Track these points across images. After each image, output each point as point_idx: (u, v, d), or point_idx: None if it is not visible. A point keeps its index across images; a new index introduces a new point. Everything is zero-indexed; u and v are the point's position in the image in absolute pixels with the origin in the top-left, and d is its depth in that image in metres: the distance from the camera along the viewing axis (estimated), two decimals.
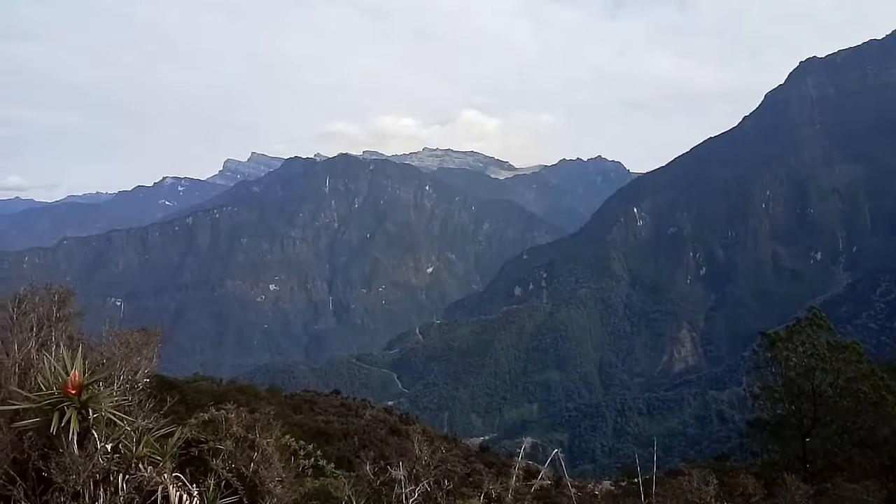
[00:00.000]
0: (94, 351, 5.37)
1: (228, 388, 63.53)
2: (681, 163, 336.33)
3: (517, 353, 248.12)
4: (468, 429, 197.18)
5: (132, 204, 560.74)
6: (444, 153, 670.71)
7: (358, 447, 49.80)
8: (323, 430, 51.95)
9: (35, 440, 4.13)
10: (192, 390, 46.76)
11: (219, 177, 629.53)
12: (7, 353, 4.83)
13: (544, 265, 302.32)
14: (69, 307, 5.58)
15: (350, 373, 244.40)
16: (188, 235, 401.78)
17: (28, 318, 5.21)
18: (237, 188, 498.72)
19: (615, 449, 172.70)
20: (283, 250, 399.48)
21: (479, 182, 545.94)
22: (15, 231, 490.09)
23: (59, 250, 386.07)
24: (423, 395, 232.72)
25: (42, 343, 5.14)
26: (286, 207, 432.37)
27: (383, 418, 68.74)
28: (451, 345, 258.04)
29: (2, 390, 4.45)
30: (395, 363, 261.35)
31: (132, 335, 5.61)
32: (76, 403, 4.00)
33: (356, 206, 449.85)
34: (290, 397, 70.07)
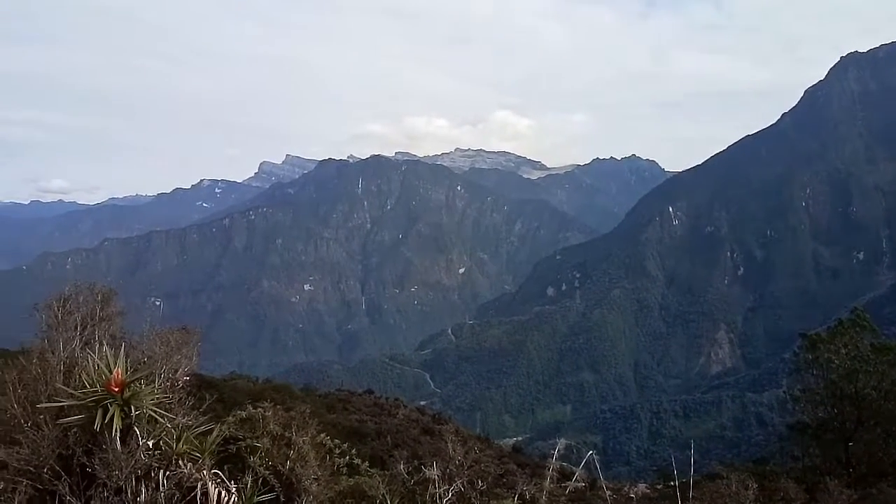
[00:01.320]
0: (136, 349, 5.49)
1: (264, 387, 64.57)
2: (717, 161, 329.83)
3: (550, 354, 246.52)
4: (501, 429, 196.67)
5: (171, 206, 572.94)
6: (476, 153, 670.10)
7: (391, 446, 50.04)
8: (356, 428, 52.41)
9: (80, 436, 4.24)
10: (229, 388, 47.65)
11: (254, 179, 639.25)
12: (52, 352, 4.97)
13: (577, 265, 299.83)
14: (111, 307, 5.72)
15: (383, 372, 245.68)
16: (225, 237, 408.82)
17: (72, 317, 5.36)
18: (272, 190, 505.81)
19: (650, 451, 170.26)
20: (317, 251, 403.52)
21: (511, 182, 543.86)
22: (58, 233, 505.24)
23: (100, 251, 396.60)
24: (456, 396, 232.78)
25: (86, 341, 5.28)
26: (320, 208, 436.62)
27: (416, 418, 69.04)
28: (484, 345, 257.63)
29: (48, 387, 4.58)
30: (427, 363, 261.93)
31: (172, 334, 5.73)
32: (119, 401, 4.07)
33: (388, 206, 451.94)
34: (325, 396, 70.82)
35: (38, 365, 4.71)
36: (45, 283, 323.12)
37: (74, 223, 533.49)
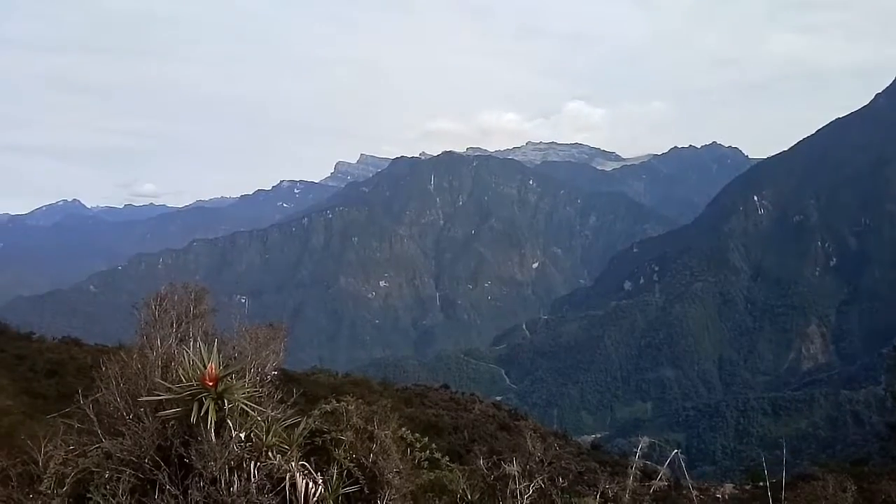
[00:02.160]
0: (227, 345, 5.74)
1: (344, 381, 66.20)
2: (805, 146, 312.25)
3: (628, 350, 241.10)
4: (578, 426, 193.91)
5: (253, 207, 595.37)
6: (548, 146, 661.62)
7: (468, 441, 50.30)
8: (433, 423, 52.90)
9: (177, 428, 4.46)
10: (310, 383, 49.14)
11: (331, 178, 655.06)
12: (151, 347, 5.27)
13: (656, 258, 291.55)
14: (204, 304, 6.00)
15: (458, 367, 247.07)
16: (304, 235, 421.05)
17: (168, 314, 5.66)
18: (348, 189, 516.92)
19: (737, 451, 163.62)
20: (392, 248, 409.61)
21: (584, 174, 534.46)
22: (150, 235, 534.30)
23: (189, 252, 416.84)
24: (532, 391, 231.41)
25: (181, 338, 5.56)
26: (393, 206, 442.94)
27: (492, 413, 68.92)
28: (559, 340, 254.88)
29: (147, 382, 4.84)
30: (502, 358, 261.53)
31: (260, 331, 5.95)
32: (213, 395, 4.23)
33: (460, 202, 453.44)
34: (402, 391, 71.83)
35: (139, 360, 5.00)
36: (138, 282, 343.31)
37: (165, 225, 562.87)
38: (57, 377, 50.74)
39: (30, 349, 58.79)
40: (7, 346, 57.45)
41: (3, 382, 44.67)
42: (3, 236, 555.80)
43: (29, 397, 43.66)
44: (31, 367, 52.65)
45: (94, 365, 14.68)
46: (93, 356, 33.94)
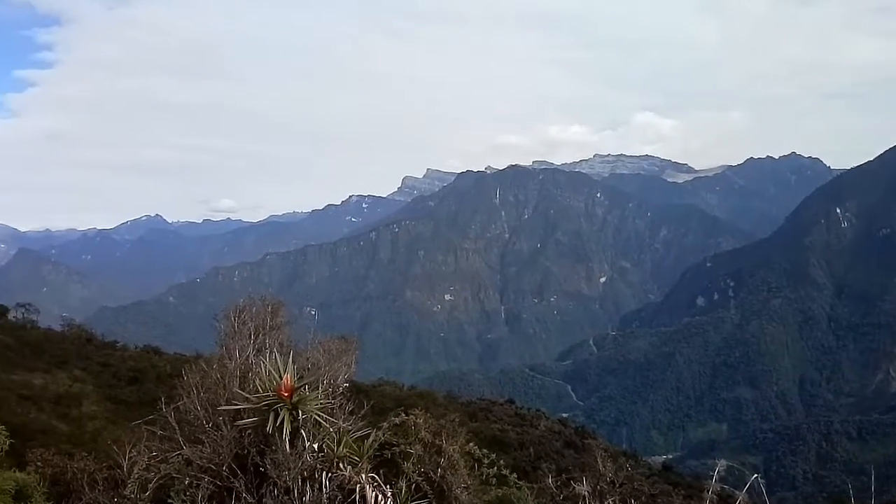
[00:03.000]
0: (301, 357, 5.87)
1: (409, 394, 66.68)
2: (892, 155, 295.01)
3: (702, 368, 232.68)
4: (648, 446, 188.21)
5: (323, 221, 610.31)
6: (616, 158, 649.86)
7: (534, 458, 49.65)
8: (499, 438, 52.53)
9: (253, 438, 4.59)
10: (377, 394, 49.74)
11: (398, 193, 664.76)
12: (230, 358, 5.45)
13: (731, 273, 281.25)
14: (280, 317, 6.18)
15: (523, 382, 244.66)
16: (371, 249, 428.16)
17: (246, 326, 5.86)
18: (414, 203, 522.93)
19: (819, 476, 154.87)
20: (457, 261, 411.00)
21: (654, 186, 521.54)
22: (227, 248, 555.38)
23: (262, 265, 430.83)
24: (599, 409, 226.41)
25: (258, 349, 5.74)
26: (459, 220, 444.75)
27: (558, 430, 67.90)
28: (628, 357, 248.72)
29: (226, 391, 5.00)
30: (568, 374, 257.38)
31: (333, 343, 6.08)
32: (288, 405, 4.34)
33: (526, 216, 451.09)
34: (467, 404, 71.73)
35: (218, 370, 5.18)
36: (215, 294, 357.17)
37: (240, 239, 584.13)
38: (138, 384, 53.24)
39: (114, 357, 61.96)
40: (93, 355, 60.74)
41: (89, 389, 47.19)
42: (91, 249, 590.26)
43: (112, 403, 45.93)
44: (114, 375, 55.48)
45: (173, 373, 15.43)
46: (172, 365, 35.62)
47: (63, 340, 63.54)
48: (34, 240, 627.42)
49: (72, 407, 39.95)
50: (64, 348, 59.33)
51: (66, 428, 32.77)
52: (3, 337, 54.44)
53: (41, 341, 59.39)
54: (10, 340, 54.61)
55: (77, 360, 55.63)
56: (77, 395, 43.35)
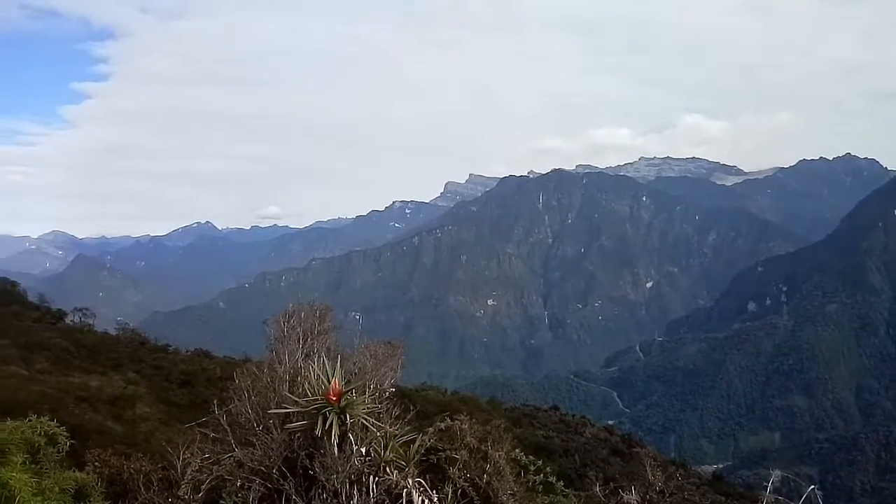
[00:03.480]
0: (348, 361, 5.93)
1: (452, 399, 66.67)
2: None
3: (753, 376, 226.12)
4: (698, 455, 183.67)
5: (367, 227, 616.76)
6: (663, 161, 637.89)
7: (580, 465, 49.01)
8: (543, 444, 52.05)
9: (302, 441, 4.66)
10: (420, 399, 49.87)
11: (440, 198, 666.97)
12: (279, 362, 5.55)
13: (783, 278, 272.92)
14: (327, 322, 6.26)
15: (567, 389, 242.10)
16: (414, 254, 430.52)
17: (295, 331, 5.96)
18: (457, 208, 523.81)
19: (879, 488, 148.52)
20: (500, 266, 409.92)
21: (702, 189, 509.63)
22: (274, 254, 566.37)
23: (308, 270, 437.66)
24: (646, 416, 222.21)
25: (307, 353, 5.82)
26: (501, 225, 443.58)
27: (604, 437, 66.85)
28: (676, 364, 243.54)
29: (276, 395, 5.09)
30: (614, 381, 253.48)
31: (379, 347, 6.13)
32: (336, 409, 4.40)
33: (569, 220, 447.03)
34: (510, 410, 71.31)
35: (268, 374, 5.28)
36: (263, 298, 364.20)
37: (287, 245, 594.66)
38: (189, 387, 54.68)
39: (166, 361, 63.81)
40: (146, 358, 62.66)
41: (142, 391, 48.67)
42: (144, 256, 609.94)
43: (164, 405, 47.28)
44: (166, 377, 57.10)
45: (223, 376, 15.77)
46: (222, 368, 36.40)
47: (118, 344, 65.78)
48: (91, 246, 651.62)
49: (126, 408, 41.26)
50: (119, 351, 61.38)
51: (120, 429, 33.85)
52: (62, 340, 56.64)
53: (97, 344, 61.60)
54: (68, 344, 56.77)
55: (131, 363, 57.48)
56: (131, 397, 44.74)
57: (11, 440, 4.38)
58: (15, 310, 63.56)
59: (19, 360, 44.83)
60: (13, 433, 4.45)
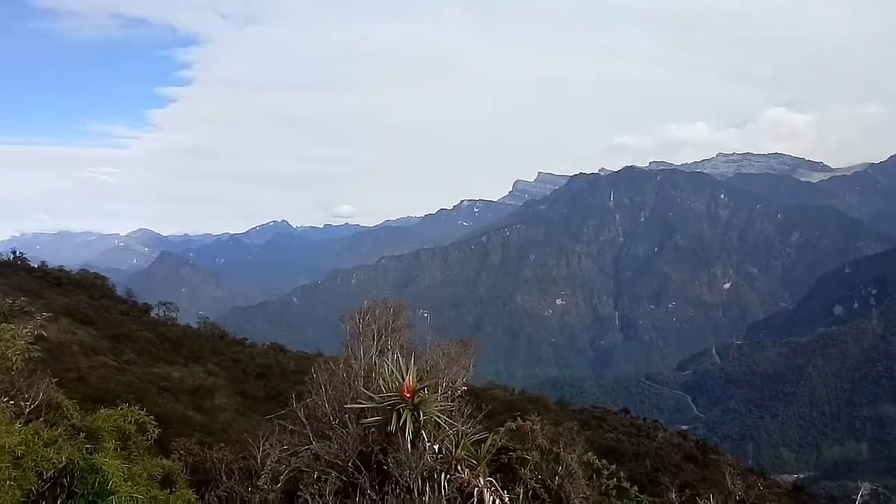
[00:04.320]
0: (420, 358, 5.99)
1: (520, 398, 66.34)
2: None
3: (839, 382, 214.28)
4: (777, 464, 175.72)
5: (436, 225, 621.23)
6: (742, 157, 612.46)
7: (651, 470, 47.78)
8: (613, 448, 51.04)
9: (376, 436, 4.73)
10: (487, 397, 49.87)
11: (509, 197, 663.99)
12: (355, 358, 5.65)
13: (874, 280, 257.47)
14: (401, 319, 6.34)
15: (639, 391, 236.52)
16: (482, 253, 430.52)
17: (370, 328, 6.06)
18: (525, 207, 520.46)
19: None
20: (569, 266, 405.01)
21: (785, 186, 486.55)
22: (346, 252, 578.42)
23: (378, 268, 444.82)
24: (722, 422, 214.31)
25: (381, 350, 5.92)
26: (571, 223, 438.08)
27: (677, 442, 64.94)
28: (755, 368, 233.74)
29: (351, 390, 5.19)
30: (688, 385, 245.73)
31: (451, 346, 6.16)
32: (410, 406, 4.44)
33: (642, 219, 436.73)
34: (579, 412, 70.32)
35: (344, 370, 5.39)
36: (335, 295, 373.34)
37: (358, 243, 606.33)
38: (265, 379, 56.68)
39: (243, 354, 66.38)
40: (225, 351, 65.38)
41: (221, 382, 50.80)
42: (224, 253, 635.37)
43: (241, 397, 49.17)
44: (243, 370, 59.39)
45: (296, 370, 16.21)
46: (295, 362, 37.56)
47: (199, 337, 68.93)
48: (175, 244, 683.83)
49: (205, 399, 43.16)
50: (199, 344, 64.30)
51: (200, 418, 35.46)
52: (147, 333, 59.79)
53: (180, 337, 64.75)
54: (153, 336, 59.85)
55: (211, 356, 60.12)
56: (210, 388, 46.79)
57: (105, 427, 4.65)
58: (105, 303, 67.55)
59: (108, 351, 47.58)
60: (106, 421, 4.73)
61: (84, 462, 4.16)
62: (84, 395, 21.61)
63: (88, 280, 76.60)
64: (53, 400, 4.64)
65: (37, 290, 54.25)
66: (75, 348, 41.23)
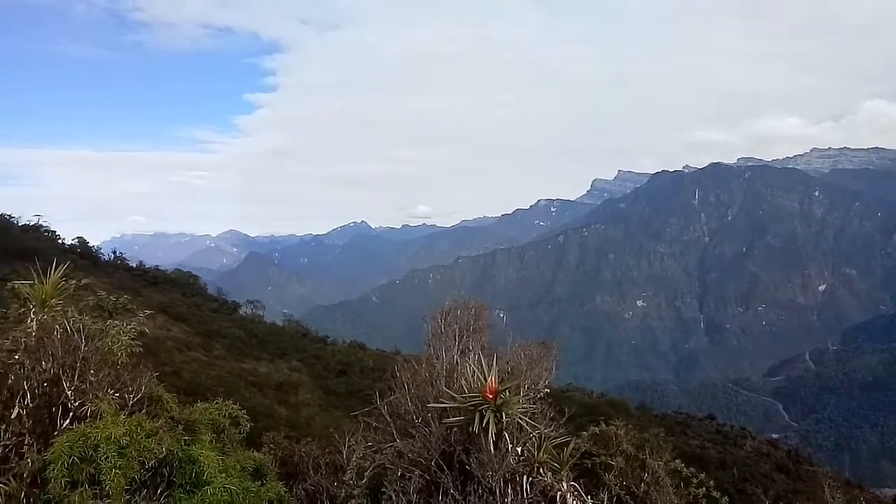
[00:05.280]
0: (501, 359, 5.96)
1: (599, 401, 65.13)
2: None
3: None
4: (877, 476, 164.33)
5: (512, 225, 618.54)
6: (839, 153, 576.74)
7: (738, 479, 45.81)
8: (697, 455, 49.26)
9: (458, 436, 4.74)
10: (565, 400, 49.17)
11: (587, 196, 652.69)
12: (437, 357, 5.69)
13: None
14: (482, 319, 6.34)
15: (725, 398, 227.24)
16: (559, 253, 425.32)
17: (451, 328, 6.08)
18: (604, 206, 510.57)
19: None
20: (650, 266, 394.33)
21: (886, 183, 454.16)
22: (423, 252, 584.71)
23: (455, 268, 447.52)
24: (816, 431, 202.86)
25: (462, 350, 5.93)
26: (652, 222, 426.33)
27: (766, 451, 62.35)
28: (853, 375, 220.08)
29: (433, 389, 5.22)
30: (779, 392, 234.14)
31: (533, 347, 6.10)
32: (493, 407, 4.42)
33: (729, 217, 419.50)
34: (661, 417, 68.39)
35: (426, 369, 5.44)
36: (412, 294, 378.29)
37: (434, 243, 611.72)
38: (345, 376, 58.14)
39: (325, 351, 68.35)
40: (308, 348, 67.52)
41: (304, 378, 52.51)
42: (307, 253, 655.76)
43: (323, 392, 50.63)
44: (325, 367, 61.13)
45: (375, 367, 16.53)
46: (374, 359, 38.29)
47: (283, 334, 71.54)
48: (261, 244, 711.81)
49: (290, 394, 44.71)
50: (284, 341, 66.74)
51: (284, 412, 36.75)
52: (235, 330, 62.59)
53: (266, 334, 67.43)
54: (241, 333, 62.57)
55: (294, 352, 62.31)
56: (295, 383, 48.46)
57: (201, 420, 4.89)
58: (197, 301, 71.15)
59: (200, 347, 50.07)
60: (203, 414, 4.97)
61: (182, 453, 4.39)
62: (178, 388, 22.83)
63: (182, 279, 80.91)
64: (154, 393, 4.92)
65: (135, 288, 57.71)
66: (170, 344, 43.56)
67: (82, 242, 72.02)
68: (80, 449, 4.05)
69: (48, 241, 64.10)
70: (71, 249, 64.84)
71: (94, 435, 4.08)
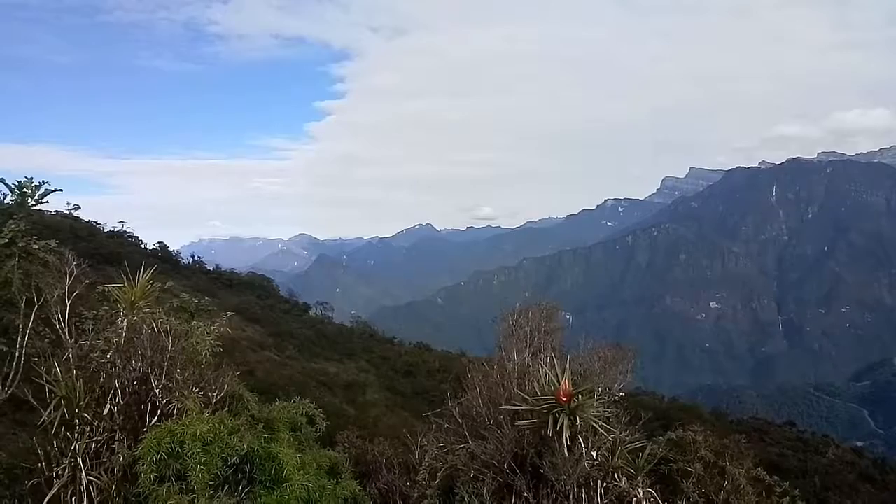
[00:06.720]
0: (574, 362, 5.89)
1: (670, 406, 63.40)
2: None
3: None
4: None
5: (578, 226, 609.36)
6: None
7: (819, 489, 43.64)
8: (776, 463, 47.17)
9: (531, 439, 4.71)
10: (633, 404, 48.06)
11: (657, 195, 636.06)
12: (508, 359, 5.67)
13: None
14: (554, 321, 6.28)
15: (806, 403, 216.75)
16: (628, 253, 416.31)
17: (523, 329, 6.05)
18: (675, 205, 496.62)
19: None
20: (724, 266, 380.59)
21: None
22: (487, 253, 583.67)
23: (519, 269, 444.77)
24: None
25: (534, 352, 5.89)
26: (727, 221, 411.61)
27: (851, 460, 59.39)
28: None
29: (505, 391, 5.21)
30: (865, 397, 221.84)
31: (608, 350, 5.99)
32: (567, 410, 4.36)
33: (810, 215, 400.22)
34: (737, 423, 66.02)
35: (498, 371, 5.43)
36: (477, 296, 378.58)
37: (499, 245, 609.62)
38: (412, 377, 58.73)
39: (391, 352, 69.26)
40: (375, 349, 68.59)
41: (372, 378, 53.36)
42: (374, 255, 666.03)
43: (390, 393, 51.30)
44: (391, 367, 61.93)
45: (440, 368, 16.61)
46: (440, 361, 38.54)
47: (351, 335, 72.97)
48: (330, 247, 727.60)
49: (358, 394, 45.51)
50: (353, 342, 68.03)
51: (353, 412, 37.43)
52: (306, 330, 64.26)
53: (335, 335, 68.94)
54: (311, 333, 64.16)
55: (362, 353, 63.43)
56: (363, 383, 49.31)
57: (280, 418, 5.06)
58: (270, 303, 73.49)
59: (273, 347, 51.65)
60: (281, 412, 5.14)
61: (262, 450, 4.56)
62: (252, 387, 23.62)
63: (256, 281, 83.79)
64: (236, 392, 5.11)
65: (212, 291, 60.08)
66: (244, 344, 45.12)
67: (163, 247, 75.71)
68: (168, 445, 4.28)
69: (131, 246, 67.67)
70: (152, 254, 68.23)
71: (181, 432, 4.31)
